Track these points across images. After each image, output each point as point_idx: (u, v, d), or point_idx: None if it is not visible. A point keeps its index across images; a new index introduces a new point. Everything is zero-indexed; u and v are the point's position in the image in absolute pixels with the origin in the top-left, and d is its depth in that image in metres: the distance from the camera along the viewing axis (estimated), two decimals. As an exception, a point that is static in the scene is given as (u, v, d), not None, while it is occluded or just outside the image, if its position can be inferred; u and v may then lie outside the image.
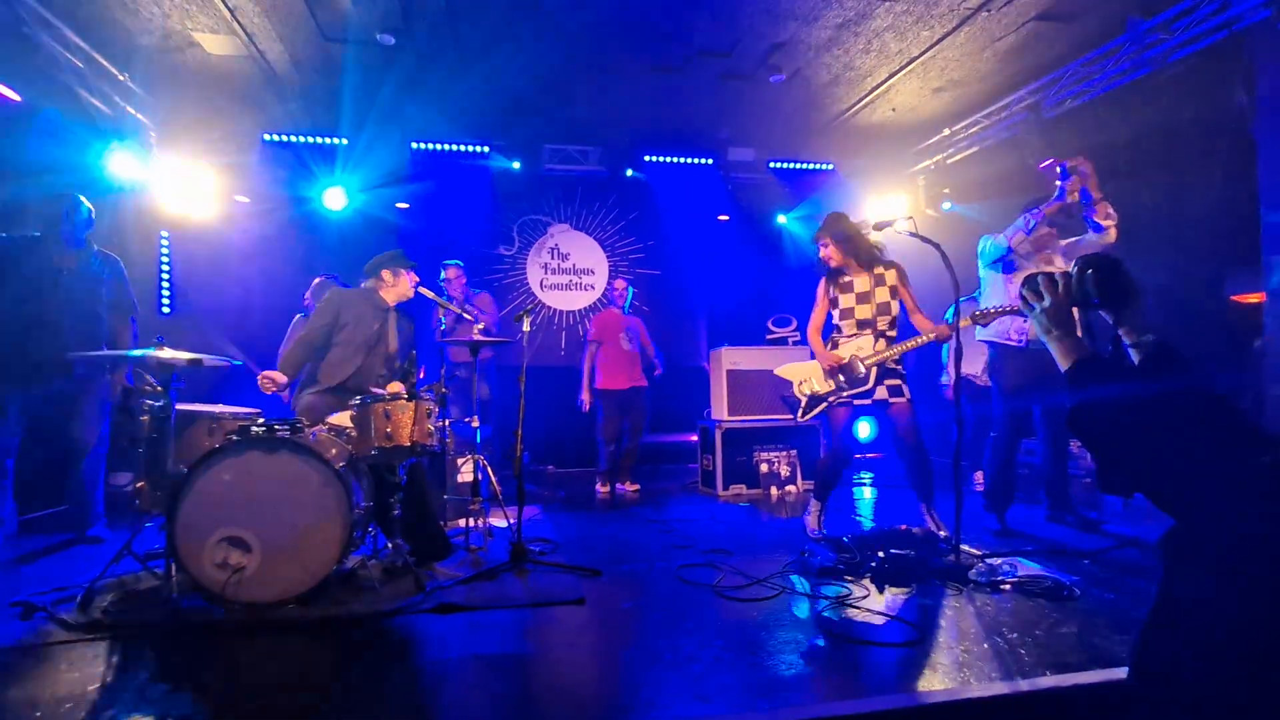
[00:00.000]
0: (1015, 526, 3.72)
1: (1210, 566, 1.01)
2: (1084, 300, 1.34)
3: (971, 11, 4.48)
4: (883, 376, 3.49)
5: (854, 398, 3.52)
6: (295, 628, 2.33)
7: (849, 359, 3.55)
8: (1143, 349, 1.26)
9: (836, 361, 3.56)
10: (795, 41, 4.87)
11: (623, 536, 3.79)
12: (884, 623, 2.34)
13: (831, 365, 3.56)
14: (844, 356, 3.56)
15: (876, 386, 3.48)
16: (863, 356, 3.52)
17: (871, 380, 3.49)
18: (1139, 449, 1.11)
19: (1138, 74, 4.81)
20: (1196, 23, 4.33)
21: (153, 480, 2.72)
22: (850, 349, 3.58)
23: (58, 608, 2.44)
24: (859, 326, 3.58)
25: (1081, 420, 1.19)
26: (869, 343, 3.55)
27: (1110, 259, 1.34)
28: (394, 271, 3.53)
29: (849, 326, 3.61)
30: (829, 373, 3.59)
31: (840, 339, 3.65)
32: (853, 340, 3.59)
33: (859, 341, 3.57)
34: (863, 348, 3.55)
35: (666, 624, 2.35)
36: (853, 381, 3.53)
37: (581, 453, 6.42)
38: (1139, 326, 1.28)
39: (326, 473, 2.53)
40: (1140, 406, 1.12)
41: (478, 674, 1.97)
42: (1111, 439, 1.16)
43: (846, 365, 3.54)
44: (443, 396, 3.21)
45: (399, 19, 4.54)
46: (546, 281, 7.27)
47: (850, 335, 3.61)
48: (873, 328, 3.55)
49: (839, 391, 3.56)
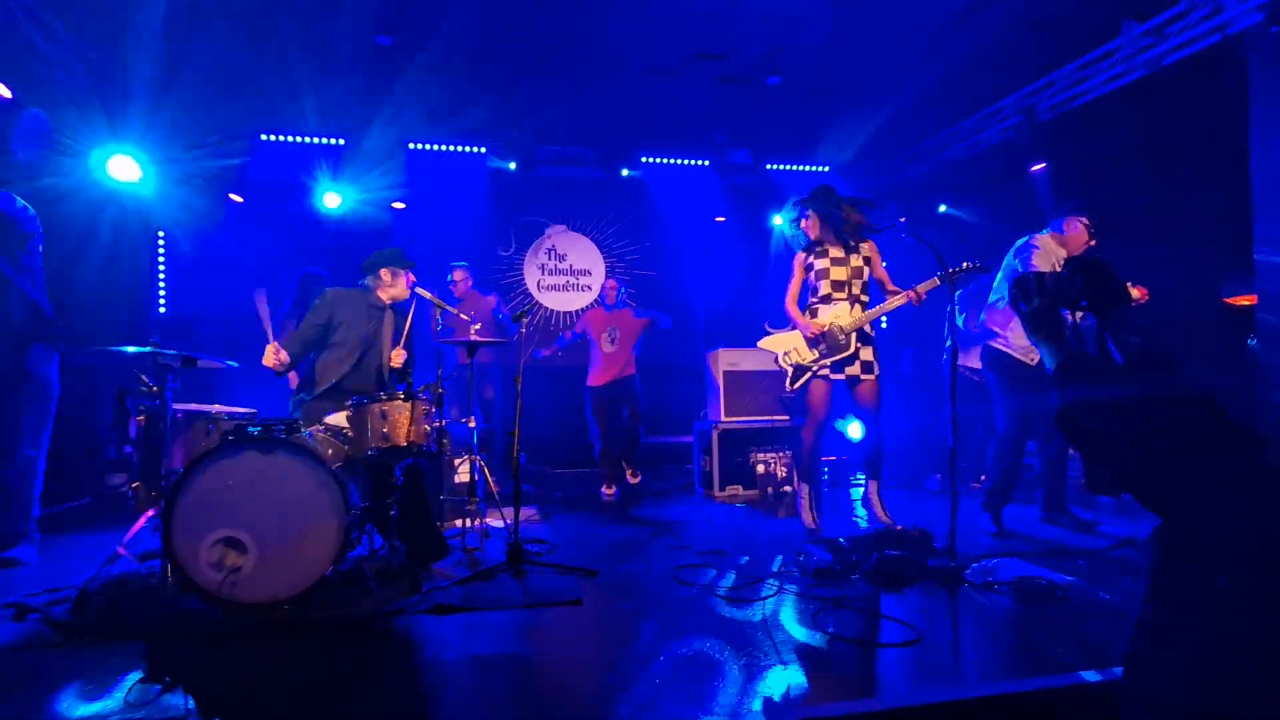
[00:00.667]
0: (1011, 527, 3.72)
1: (1196, 566, 1.02)
2: (1072, 301, 1.35)
3: (966, 17, 4.50)
4: (861, 340, 3.66)
5: (836, 365, 3.65)
6: (291, 629, 2.33)
7: (829, 326, 3.66)
8: (1128, 350, 1.27)
9: (819, 329, 3.66)
10: (792, 44, 4.89)
11: (620, 537, 3.79)
12: (881, 623, 2.35)
13: (813, 333, 3.67)
14: (824, 323, 3.67)
15: (857, 352, 3.64)
16: (842, 324, 3.64)
17: (852, 345, 3.63)
18: (1125, 448, 1.12)
19: (1133, 77, 4.83)
20: (1189, 26, 4.35)
21: (148, 480, 2.71)
22: (828, 315, 3.69)
23: (51, 609, 2.43)
24: (835, 289, 3.70)
25: (1068, 419, 1.20)
26: (845, 309, 3.67)
27: (1099, 261, 1.35)
28: (393, 271, 3.51)
29: (825, 288, 3.71)
30: (811, 341, 3.69)
31: (817, 305, 3.75)
32: (830, 307, 3.70)
33: (836, 308, 3.69)
34: (840, 314, 3.67)
35: (663, 625, 2.35)
36: (834, 348, 3.65)
37: (579, 453, 6.41)
38: (1125, 328, 1.30)
39: (323, 473, 2.52)
40: (1125, 406, 1.13)
41: (474, 675, 1.96)
42: (1098, 438, 1.17)
43: (827, 332, 3.66)
44: (439, 397, 3.21)
45: (396, 21, 4.54)
46: (544, 282, 7.27)
47: (826, 300, 3.72)
48: (848, 291, 3.68)
49: (822, 359, 3.67)
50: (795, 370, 3.77)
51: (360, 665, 2.06)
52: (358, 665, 2.06)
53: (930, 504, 4.55)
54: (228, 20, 4.50)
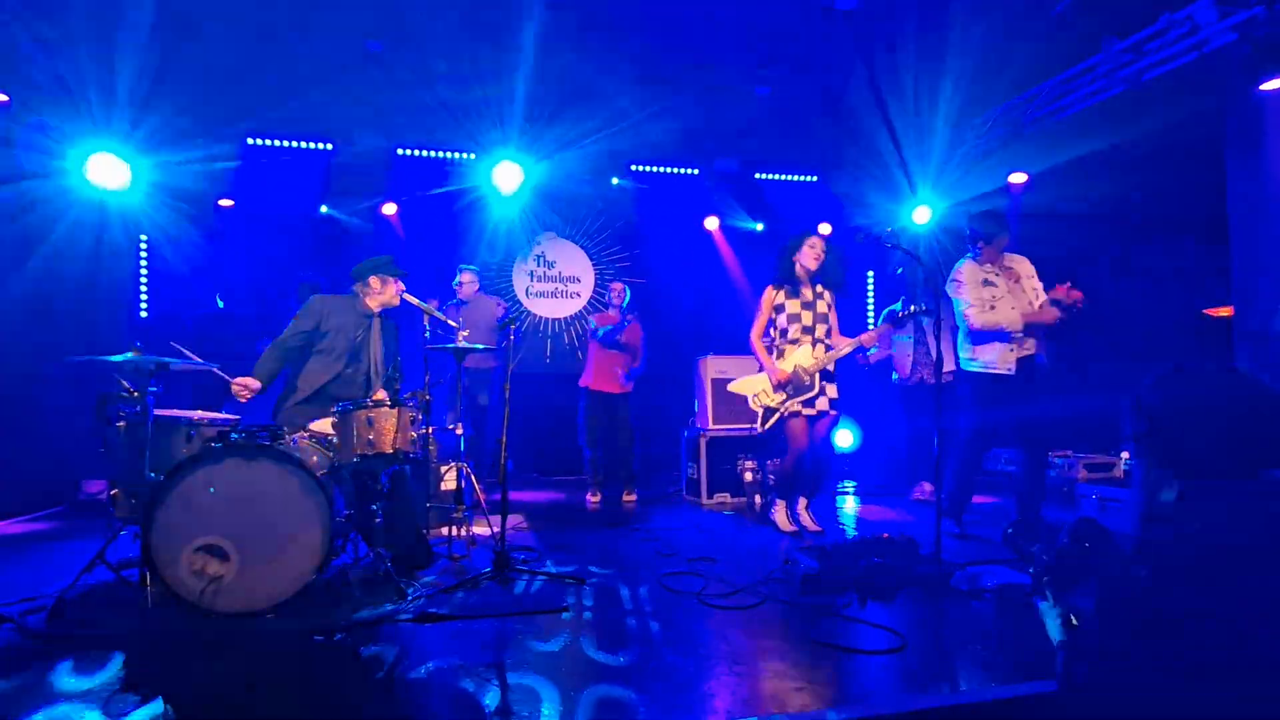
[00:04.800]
0: (972, 531, 3.88)
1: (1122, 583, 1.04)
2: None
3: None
4: (824, 379, 3.89)
5: (806, 403, 3.84)
6: (273, 637, 2.29)
7: (793, 370, 3.85)
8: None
9: (784, 377, 3.86)
10: (780, 56, 4.94)
11: (607, 545, 3.78)
12: (867, 630, 2.36)
13: (779, 380, 3.87)
14: (788, 370, 3.87)
15: (821, 392, 3.86)
16: (805, 366, 3.83)
17: (816, 386, 3.85)
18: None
19: (1113, 92, 4.93)
20: (1168, 44, 4.45)
21: (128, 487, 2.67)
22: (793, 359, 3.87)
23: (26, 619, 2.38)
24: (802, 333, 3.89)
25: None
26: (808, 351, 3.87)
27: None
28: (382, 279, 3.48)
29: (794, 332, 3.91)
30: (776, 386, 3.89)
31: (784, 345, 3.94)
32: (796, 348, 3.89)
33: (800, 351, 3.88)
34: (802, 358, 3.86)
35: (650, 633, 2.34)
36: (799, 390, 3.86)
37: (567, 461, 6.38)
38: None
39: (307, 480, 2.49)
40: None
41: (459, 684, 1.95)
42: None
43: (792, 376, 3.86)
44: (426, 404, 3.19)
45: (386, 26, 4.55)
46: (533, 289, 7.25)
47: (794, 341, 3.91)
48: (812, 335, 3.91)
49: (788, 400, 3.87)
50: (764, 412, 3.98)
51: (344, 674, 2.03)
52: (342, 674, 2.03)
53: (916, 511, 4.59)
54: (216, 23, 4.48)
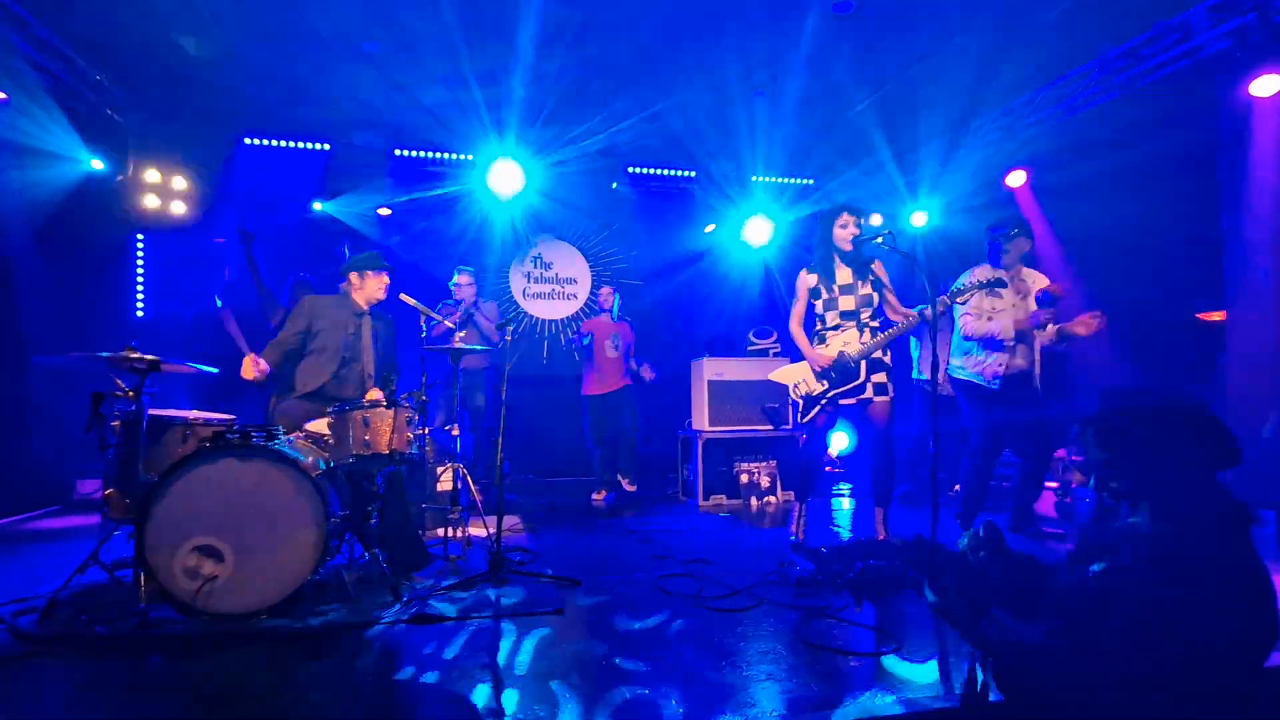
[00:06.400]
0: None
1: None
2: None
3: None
4: (872, 369, 3.49)
5: (847, 394, 3.51)
6: (268, 639, 2.28)
7: (837, 355, 3.52)
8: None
9: (827, 361, 3.52)
10: (778, 58, 4.96)
11: (603, 547, 3.77)
12: (862, 633, 2.36)
13: (821, 366, 3.54)
14: (832, 354, 3.53)
15: (867, 380, 3.47)
16: (850, 351, 3.50)
17: (863, 374, 3.48)
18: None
19: (1108, 98, 4.96)
20: (1162, 50, 4.48)
21: (123, 487, 2.65)
22: (837, 344, 3.54)
23: (18, 620, 2.37)
24: (843, 319, 3.55)
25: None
26: (854, 335, 3.52)
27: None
28: (360, 274, 3.48)
29: (833, 318, 3.57)
30: (820, 373, 3.56)
31: (826, 332, 3.61)
32: (838, 334, 3.56)
33: (844, 335, 3.54)
34: (849, 341, 3.52)
35: (646, 635, 2.34)
36: (845, 377, 3.50)
37: (564, 462, 6.38)
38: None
39: (302, 480, 2.49)
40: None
41: (454, 685, 1.94)
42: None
43: (837, 361, 3.52)
44: (422, 404, 3.19)
45: (383, 27, 4.54)
46: (529, 290, 7.25)
47: (835, 328, 3.57)
48: (856, 320, 3.52)
49: (831, 390, 3.54)
50: (806, 402, 3.65)
51: (338, 676, 2.02)
52: (336, 676, 2.02)
53: (912, 513, 4.59)
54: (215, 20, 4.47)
